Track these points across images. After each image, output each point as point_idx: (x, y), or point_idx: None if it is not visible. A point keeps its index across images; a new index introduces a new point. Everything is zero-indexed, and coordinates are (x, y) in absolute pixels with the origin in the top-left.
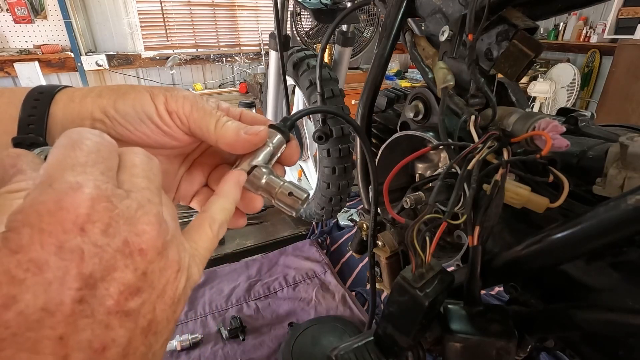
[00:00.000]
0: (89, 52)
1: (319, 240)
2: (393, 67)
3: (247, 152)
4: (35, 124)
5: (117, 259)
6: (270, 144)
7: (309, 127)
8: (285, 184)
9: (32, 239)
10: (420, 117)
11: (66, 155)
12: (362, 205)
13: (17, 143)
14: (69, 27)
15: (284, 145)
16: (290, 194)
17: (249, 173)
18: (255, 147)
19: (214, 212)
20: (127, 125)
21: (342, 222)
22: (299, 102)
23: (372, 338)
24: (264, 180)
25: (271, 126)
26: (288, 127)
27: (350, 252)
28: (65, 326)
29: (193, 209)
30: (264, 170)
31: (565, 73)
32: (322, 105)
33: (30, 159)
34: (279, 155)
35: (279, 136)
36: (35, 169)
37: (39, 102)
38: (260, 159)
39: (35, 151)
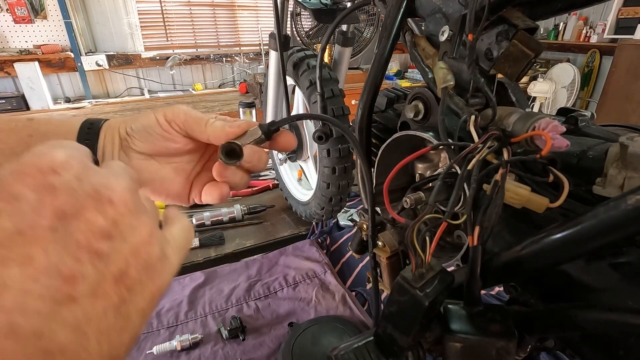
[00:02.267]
0: (89, 52)
1: (319, 240)
2: (393, 67)
3: (229, 139)
4: (90, 140)
5: (87, 201)
6: (250, 137)
7: (309, 127)
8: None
9: (13, 178)
10: (420, 117)
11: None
12: (362, 205)
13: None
14: (69, 27)
15: (261, 141)
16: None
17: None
18: (234, 134)
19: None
20: (140, 138)
21: (342, 222)
22: (299, 102)
23: (372, 338)
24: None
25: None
26: (272, 130)
27: (350, 252)
28: (34, 247)
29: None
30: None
31: (565, 73)
32: (302, 114)
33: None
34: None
35: (260, 134)
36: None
37: (90, 130)
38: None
39: None
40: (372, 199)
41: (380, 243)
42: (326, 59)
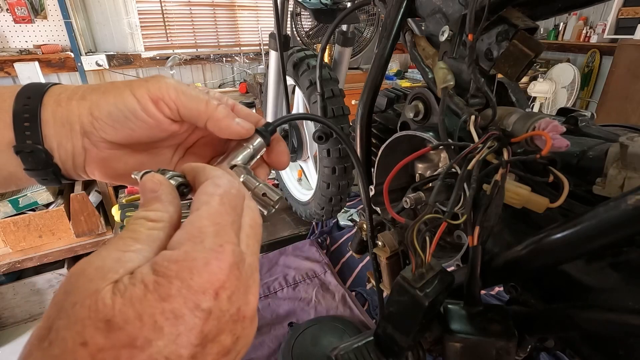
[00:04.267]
0: (89, 52)
1: (319, 240)
2: (393, 67)
3: (233, 138)
4: (30, 131)
5: (228, 324)
6: (251, 146)
7: (309, 127)
8: (261, 184)
9: (180, 292)
10: (420, 117)
11: (216, 213)
12: (362, 205)
13: (19, 151)
14: (69, 27)
15: (264, 149)
16: (264, 194)
17: None
18: (240, 136)
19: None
20: (114, 124)
21: (342, 222)
22: (299, 102)
23: (372, 338)
24: (241, 179)
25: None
26: (270, 132)
27: (350, 252)
28: None
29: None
30: (242, 169)
31: (565, 73)
32: (302, 113)
33: (168, 191)
34: (258, 157)
35: (259, 139)
36: (172, 202)
37: (29, 107)
38: (239, 159)
39: (166, 175)
40: (368, 200)
41: (380, 243)
42: (326, 59)
